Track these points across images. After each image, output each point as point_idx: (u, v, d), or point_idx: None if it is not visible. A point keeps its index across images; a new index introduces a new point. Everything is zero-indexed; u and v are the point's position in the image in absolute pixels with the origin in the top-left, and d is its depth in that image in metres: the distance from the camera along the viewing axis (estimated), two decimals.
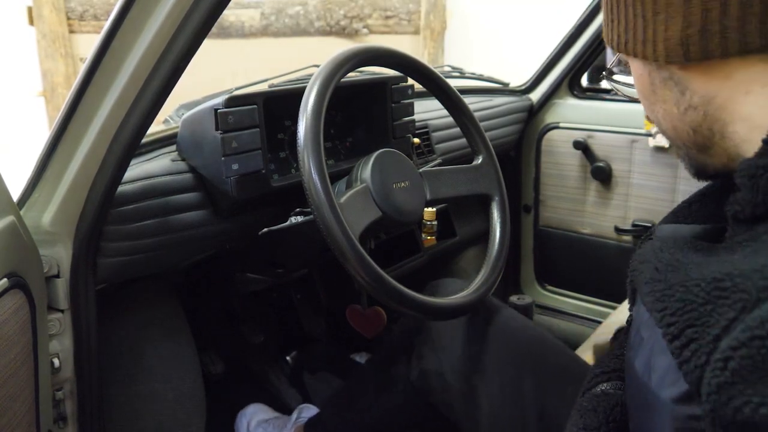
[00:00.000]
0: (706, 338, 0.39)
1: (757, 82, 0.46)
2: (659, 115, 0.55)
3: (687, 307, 0.42)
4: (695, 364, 0.39)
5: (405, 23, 4.09)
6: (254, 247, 1.08)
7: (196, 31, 0.62)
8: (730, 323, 0.38)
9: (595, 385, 0.67)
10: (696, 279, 0.42)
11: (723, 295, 0.39)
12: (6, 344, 0.66)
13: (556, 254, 1.73)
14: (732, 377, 0.36)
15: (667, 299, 0.44)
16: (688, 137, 0.53)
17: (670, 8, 0.47)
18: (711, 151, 0.52)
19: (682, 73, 0.50)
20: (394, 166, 0.86)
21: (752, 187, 0.43)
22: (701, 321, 0.40)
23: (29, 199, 0.78)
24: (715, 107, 0.49)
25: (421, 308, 0.77)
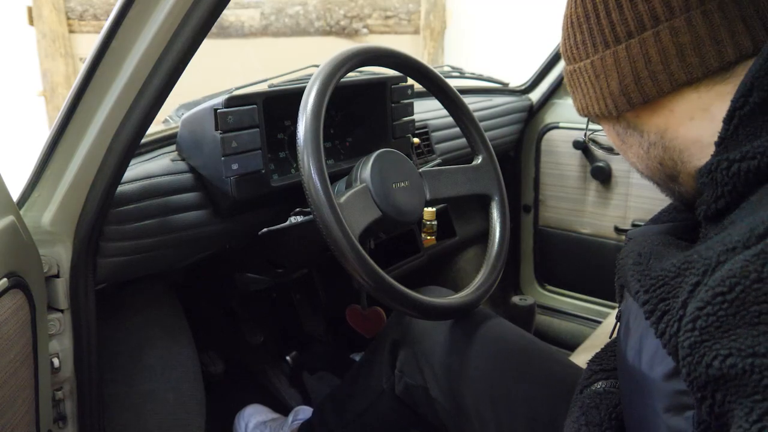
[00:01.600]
0: (675, 307, 0.41)
1: (697, 109, 0.52)
2: (634, 160, 0.61)
3: (659, 283, 0.45)
4: (669, 333, 0.42)
5: (405, 23, 4.09)
6: (254, 247, 1.08)
7: (195, 30, 0.62)
8: (694, 288, 0.40)
9: (593, 382, 0.67)
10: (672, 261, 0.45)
11: (690, 267, 0.42)
12: (6, 344, 0.66)
13: (556, 254, 1.73)
14: (701, 335, 0.38)
15: (644, 278, 0.47)
16: (658, 171, 0.58)
17: (606, 69, 0.55)
18: (679, 178, 0.57)
19: (636, 119, 0.56)
20: (394, 166, 0.86)
21: (711, 182, 0.47)
22: (672, 293, 0.43)
23: (29, 199, 0.78)
24: (668, 139, 0.55)
25: (420, 308, 0.77)
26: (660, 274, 0.45)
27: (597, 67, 0.56)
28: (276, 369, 1.50)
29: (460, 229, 1.52)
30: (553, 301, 1.74)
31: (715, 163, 0.47)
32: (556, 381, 0.82)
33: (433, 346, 0.91)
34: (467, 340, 0.89)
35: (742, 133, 0.46)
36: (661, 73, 0.51)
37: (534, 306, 1.42)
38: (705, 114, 0.51)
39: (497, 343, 0.88)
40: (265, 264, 1.11)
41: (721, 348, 0.36)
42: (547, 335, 1.72)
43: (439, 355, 0.89)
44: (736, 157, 0.45)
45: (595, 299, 1.68)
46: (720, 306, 0.37)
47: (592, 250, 1.64)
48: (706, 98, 0.51)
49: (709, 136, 0.51)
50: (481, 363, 0.86)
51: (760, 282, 0.36)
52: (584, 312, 1.69)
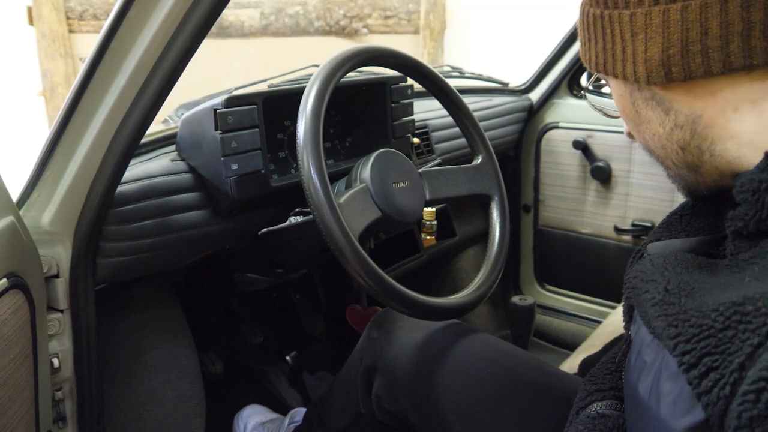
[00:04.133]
0: (728, 367, 0.36)
1: (745, 100, 0.45)
2: (646, 136, 0.54)
3: (703, 333, 0.39)
4: (718, 395, 0.36)
5: (405, 23, 4.09)
6: (254, 247, 1.08)
7: (195, 30, 0.62)
8: (754, 350, 0.35)
9: (589, 403, 0.64)
10: (712, 302, 0.39)
11: (744, 320, 0.36)
12: (5, 344, 0.66)
13: (556, 254, 1.73)
14: (766, 410, 0.33)
15: (681, 324, 0.41)
16: (677, 157, 0.51)
17: (649, 29, 0.46)
18: (701, 169, 0.51)
19: (664, 93, 0.49)
20: (394, 166, 0.86)
21: (755, 203, 0.42)
22: (721, 348, 0.37)
23: (29, 199, 0.78)
24: (702, 126, 0.48)
25: (420, 308, 0.76)
26: (704, 323, 0.39)
27: (638, 22, 0.46)
28: (276, 369, 1.50)
29: (460, 229, 1.52)
30: (553, 301, 1.74)
31: (765, 181, 0.41)
32: (542, 393, 0.78)
33: (406, 373, 0.85)
34: (441, 363, 0.83)
35: None
36: (717, 51, 0.43)
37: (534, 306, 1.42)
38: (753, 107, 0.44)
39: (474, 362, 0.82)
40: (265, 264, 1.11)
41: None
42: (546, 335, 1.72)
43: (414, 383, 0.84)
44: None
45: (595, 299, 1.68)
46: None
47: (592, 249, 1.64)
48: (759, 89, 0.44)
49: (753, 133, 0.45)
50: (458, 385, 0.81)
51: None
52: (584, 312, 1.69)
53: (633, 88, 0.51)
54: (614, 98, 0.55)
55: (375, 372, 0.90)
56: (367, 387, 0.92)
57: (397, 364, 0.87)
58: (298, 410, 1.29)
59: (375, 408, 0.91)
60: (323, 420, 1.04)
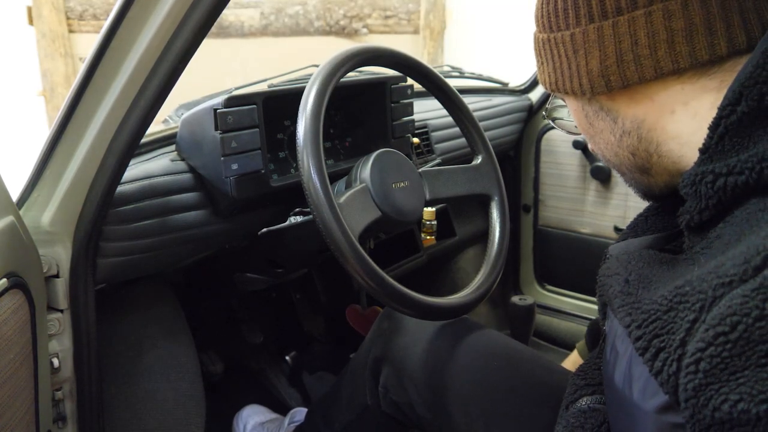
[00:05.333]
0: (672, 345, 0.39)
1: (678, 102, 0.49)
2: (601, 146, 0.57)
3: (651, 317, 0.42)
4: (668, 372, 0.39)
5: (404, 23, 4.09)
6: (254, 247, 1.08)
7: (195, 30, 0.62)
8: (691, 325, 0.38)
9: (579, 397, 0.66)
10: (662, 292, 0.42)
11: (683, 300, 0.39)
12: (5, 344, 0.66)
13: (556, 254, 1.73)
14: (705, 378, 0.36)
15: (634, 312, 0.44)
16: (629, 161, 0.55)
17: (587, 45, 0.50)
18: (652, 171, 0.54)
19: (610, 103, 0.53)
20: (394, 165, 0.86)
21: (695, 194, 0.45)
22: (666, 329, 0.40)
23: (29, 199, 0.78)
24: (646, 129, 0.52)
25: (420, 308, 0.77)
26: (651, 308, 0.42)
27: (577, 41, 0.51)
28: (276, 369, 1.50)
29: (460, 229, 1.52)
30: (553, 301, 1.74)
31: (700, 174, 0.44)
32: (546, 390, 0.79)
33: (415, 363, 0.87)
34: (449, 355, 0.85)
35: (728, 143, 0.43)
36: (647, 58, 0.48)
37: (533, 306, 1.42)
38: (686, 108, 0.48)
39: (481, 357, 0.84)
40: (265, 264, 1.11)
41: (729, 392, 0.34)
42: (546, 335, 1.72)
43: (422, 373, 0.86)
44: (722, 170, 0.42)
45: (594, 299, 1.67)
46: (723, 347, 0.35)
47: (591, 249, 1.64)
48: (689, 91, 0.48)
49: (690, 133, 0.49)
50: (465, 378, 0.82)
51: (763, 319, 0.34)
52: (584, 311, 1.69)
53: (584, 102, 0.55)
54: (572, 114, 0.60)
55: (383, 362, 0.91)
56: (374, 377, 0.93)
57: (406, 354, 0.89)
58: (298, 410, 1.29)
59: (381, 399, 0.92)
60: (327, 416, 1.05)
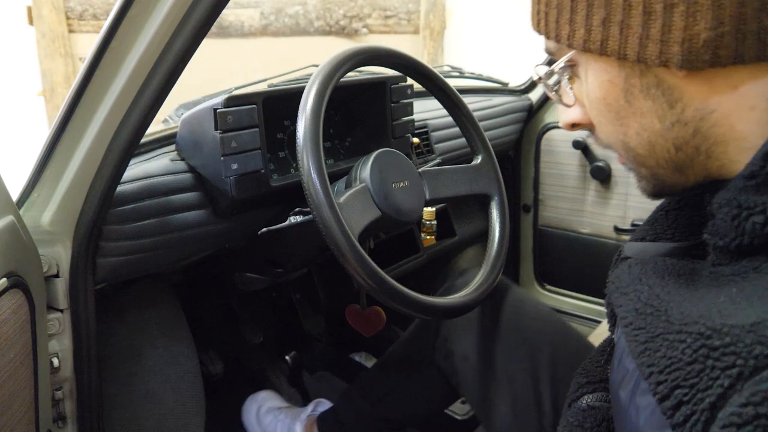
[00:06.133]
0: (699, 405, 0.36)
1: (763, 96, 0.40)
2: (630, 131, 0.47)
3: (674, 365, 0.38)
4: (691, 430, 0.36)
5: (404, 23, 4.09)
6: (254, 247, 1.08)
7: (195, 30, 0.62)
8: (725, 391, 0.34)
9: (580, 396, 0.65)
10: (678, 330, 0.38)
11: (712, 356, 0.35)
12: (5, 344, 0.66)
13: (556, 254, 1.73)
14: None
15: (652, 354, 0.40)
16: (667, 155, 0.46)
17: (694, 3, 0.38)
18: (688, 170, 0.46)
19: (679, 82, 0.42)
20: (394, 165, 0.86)
21: (736, 228, 0.39)
22: (690, 382, 0.37)
23: (28, 199, 0.78)
24: (710, 124, 0.43)
25: (420, 308, 0.77)
26: (671, 354, 0.38)
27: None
28: (275, 369, 1.50)
29: (460, 228, 1.52)
30: (553, 301, 1.74)
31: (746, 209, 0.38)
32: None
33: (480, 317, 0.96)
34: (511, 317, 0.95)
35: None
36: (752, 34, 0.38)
37: None
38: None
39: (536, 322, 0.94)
40: (265, 264, 1.11)
41: None
42: None
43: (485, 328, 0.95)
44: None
45: (594, 299, 1.68)
46: (764, 429, 0.32)
47: (591, 249, 1.64)
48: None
49: (757, 137, 0.41)
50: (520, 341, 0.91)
51: None
52: (583, 312, 1.69)
53: (632, 74, 0.44)
54: (592, 85, 0.47)
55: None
56: (436, 331, 1.02)
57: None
58: (320, 401, 1.29)
59: (438, 350, 1.01)
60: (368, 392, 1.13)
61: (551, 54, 0.50)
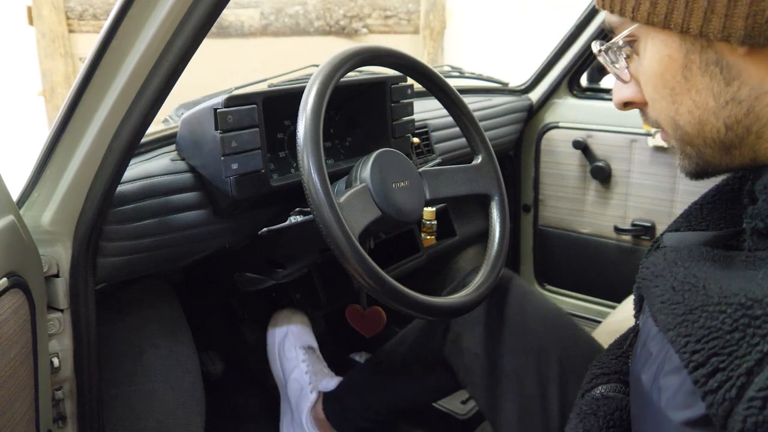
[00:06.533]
0: (736, 370, 0.36)
1: None
2: (682, 108, 0.46)
3: (712, 335, 0.38)
4: (724, 396, 0.36)
5: (404, 23, 4.09)
6: (254, 247, 1.08)
7: (195, 30, 0.62)
8: (764, 356, 0.35)
9: (594, 386, 0.66)
10: (718, 302, 0.39)
11: (753, 324, 0.36)
12: (5, 344, 0.66)
13: (556, 254, 1.73)
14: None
15: (690, 325, 0.40)
16: (716, 135, 0.46)
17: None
18: (736, 151, 0.46)
19: (738, 60, 0.42)
20: (394, 165, 0.86)
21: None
22: (728, 350, 0.37)
23: (29, 199, 0.78)
24: (764, 104, 0.43)
25: (420, 308, 0.77)
26: (710, 324, 0.39)
27: None
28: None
29: (460, 228, 1.52)
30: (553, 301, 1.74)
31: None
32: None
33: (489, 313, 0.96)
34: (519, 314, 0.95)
35: None
36: None
37: None
38: None
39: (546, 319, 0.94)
40: (265, 264, 1.11)
41: None
42: None
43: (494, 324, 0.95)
44: None
45: (594, 299, 1.68)
46: None
47: (591, 249, 1.64)
48: None
49: None
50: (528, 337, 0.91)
51: None
52: (584, 312, 1.69)
53: (693, 49, 0.44)
54: (650, 60, 0.47)
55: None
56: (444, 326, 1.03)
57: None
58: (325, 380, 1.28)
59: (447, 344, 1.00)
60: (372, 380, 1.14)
61: (613, 28, 0.51)
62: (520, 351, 0.91)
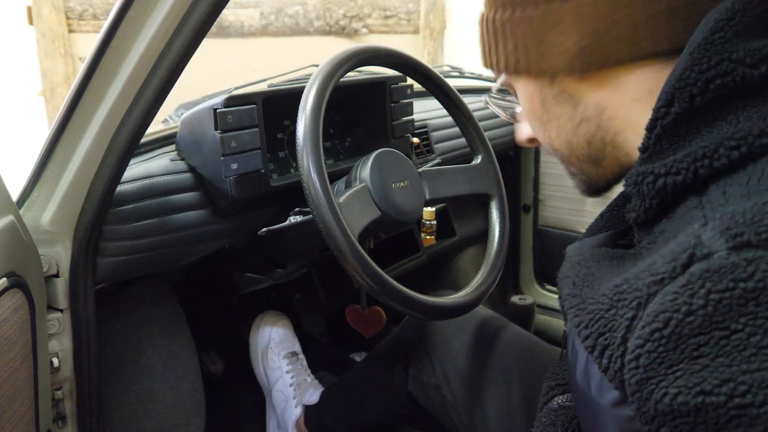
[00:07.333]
0: (615, 342, 0.40)
1: (643, 90, 0.48)
2: (552, 134, 0.56)
3: (596, 317, 0.43)
4: (614, 369, 0.41)
5: (404, 23, 4.09)
6: (253, 247, 1.08)
7: (195, 30, 0.62)
8: (630, 322, 0.39)
9: (551, 398, 0.67)
10: (604, 292, 0.43)
11: (622, 298, 0.41)
12: (5, 344, 0.66)
13: (556, 254, 1.72)
14: (646, 373, 0.37)
15: (581, 313, 0.45)
16: (582, 150, 0.54)
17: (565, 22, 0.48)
18: (603, 162, 0.54)
19: (576, 86, 0.51)
20: (394, 165, 0.86)
21: (638, 194, 0.45)
22: (609, 326, 0.41)
23: (28, 199, 0.78)
24: (606, 117, 0.50)
25: (420, 308, 0.77)
26: (595, 307, 0.44)
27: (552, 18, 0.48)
28: None
29: (460, 228, 1.52)
30: (553, 301, 1.74)
31: (641, 174, 0.45)
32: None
33: (447, 343, 0.95)
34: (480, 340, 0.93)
35: (665, 143, 0.44)
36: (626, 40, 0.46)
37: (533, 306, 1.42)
38: (649, 98, 0.47)
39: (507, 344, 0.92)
40: (265, 264, 1.11)
41: (668, 386, 0.36)
42: (546, 335, 1.72)
43: (454, 354, 0.94)
44: (660, 171, 0.43)
45: None
46: (659, 342, 0.37)
47: None
48: (654, 80, 0.47)
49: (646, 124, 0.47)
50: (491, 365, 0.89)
51: (692, 314, 0.35)
52: None
53: (543, 85, 0.53)
54: (521, 100, 0.57)
55: (416, 346, 0.99)
56: (405, 359, 1.02)
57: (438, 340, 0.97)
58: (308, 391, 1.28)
59: (411, 380, 1.00)
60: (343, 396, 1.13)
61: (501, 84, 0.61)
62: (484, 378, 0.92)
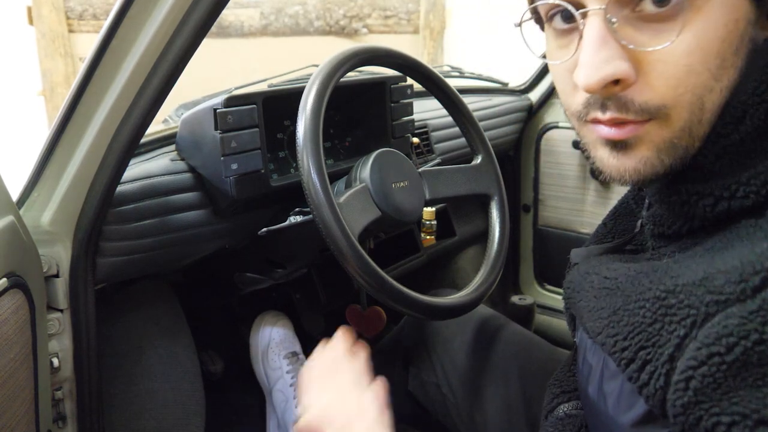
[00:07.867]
0: (660, 359, 0.38)
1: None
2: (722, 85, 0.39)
3: (636, 330, 0.40)
4: (655, 386, 0.38)
5: (404, 23, 4.09)
6: (254, 247, 1.08)
7: (195, 30, 0.62)
8: (681, 341, 0.36)
9: (556, 406, 0.66)
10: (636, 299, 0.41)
11: (669, 312, 0.38)
12: (5, 344, 0.66)
13: (556, 254, 1.73)
14: (695, 396, 0.35)
15: (616, 325, 0.42)
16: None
17: None
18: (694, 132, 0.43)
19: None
20: (394, 165, 0.86)
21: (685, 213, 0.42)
22: (651, 341, 0.39)
23: (28, 199, 0.78)
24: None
25: (420, 308, 0.77)
26: (634, 320, 0.40)
27: None
28: None
29: (460, 228, 1.52)
30: (553, 301, 1.74)
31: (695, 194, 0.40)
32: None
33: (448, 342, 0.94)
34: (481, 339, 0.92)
35: (726, 163, 0.39)
36: None
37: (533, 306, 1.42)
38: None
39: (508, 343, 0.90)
40: (265, 264, 1.11)
41: (721, 413, 0.33)
42: (546, 335, 1.72)
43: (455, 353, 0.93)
44: (723, 194, 0.39)
45: None
46: (718, 367, 0.34)
47: None
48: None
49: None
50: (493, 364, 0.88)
51: (763, 344, 0.32)
52: None
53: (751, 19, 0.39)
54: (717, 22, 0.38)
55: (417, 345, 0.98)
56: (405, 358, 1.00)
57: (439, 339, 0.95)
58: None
59: (411, 379, 0.98)
60: None
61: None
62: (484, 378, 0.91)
